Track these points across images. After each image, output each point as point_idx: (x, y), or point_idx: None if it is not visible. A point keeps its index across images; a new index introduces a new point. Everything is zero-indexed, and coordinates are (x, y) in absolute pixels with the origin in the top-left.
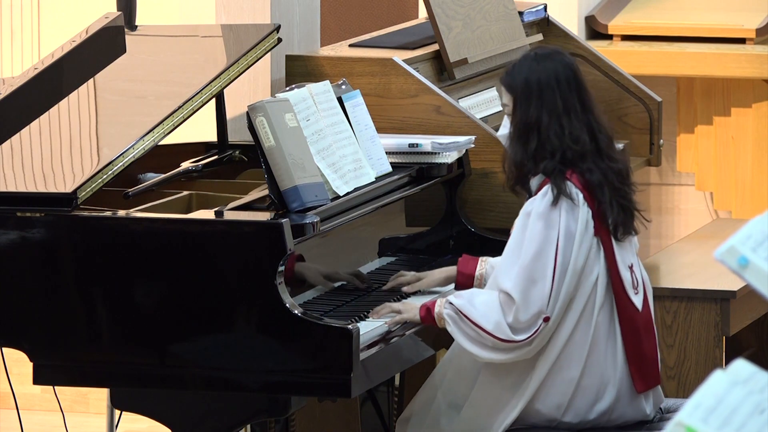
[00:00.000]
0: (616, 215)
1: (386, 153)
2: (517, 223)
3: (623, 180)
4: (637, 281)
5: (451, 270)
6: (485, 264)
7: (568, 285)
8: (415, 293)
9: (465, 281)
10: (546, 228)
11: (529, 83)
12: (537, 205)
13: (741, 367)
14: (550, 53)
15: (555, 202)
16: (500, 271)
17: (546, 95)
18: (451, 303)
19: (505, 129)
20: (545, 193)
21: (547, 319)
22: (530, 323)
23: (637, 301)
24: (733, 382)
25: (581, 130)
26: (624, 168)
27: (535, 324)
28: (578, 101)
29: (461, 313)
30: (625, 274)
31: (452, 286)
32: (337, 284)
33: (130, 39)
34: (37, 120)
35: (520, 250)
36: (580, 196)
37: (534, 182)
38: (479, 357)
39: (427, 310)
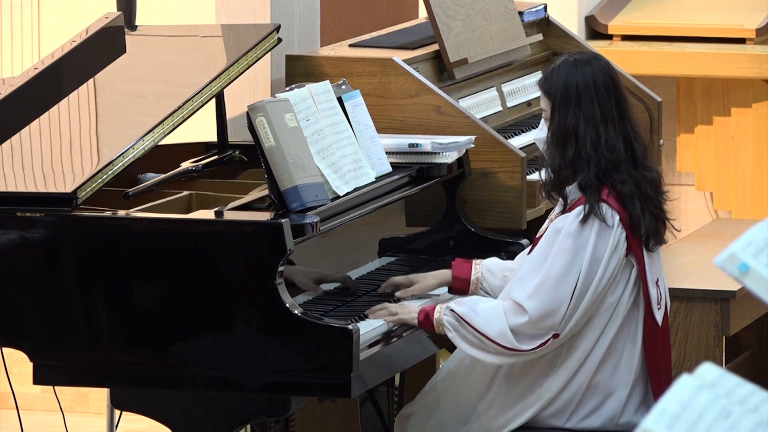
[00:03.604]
0: (648, 225)
1: (386, 153)
2: (545, 237)
3: (657, 189)
4: (661, 296)
5: (444, 274)
6: (480, 267)
7: (586, 306)
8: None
9: (461, 286)
10: (574, 249)
11: (568, 89)
12: (569, 223)
13: (707, 370)
14: (589, 58)
15: (584, 221)
16: (517, 279)
17: (584, 102)
18: (452, 310)
19: (541, 133)
20: (579, 213)
21: (556, 336)
22: (539, 336)
23: (659, 316)
24: (698, 386)
25: (617, 138)
26: (658, 176)
27: (543, 337)
28: (616, 109)
29: (463, 320)
30: (653, 291)
31: (445, 289)
32: (327, 287)
33: (130, 39)
34: (37, 120)
35: (544, 263)
36: (616, 217)
37: (571, 193)
38: (483, 360)
39: (426, 316)
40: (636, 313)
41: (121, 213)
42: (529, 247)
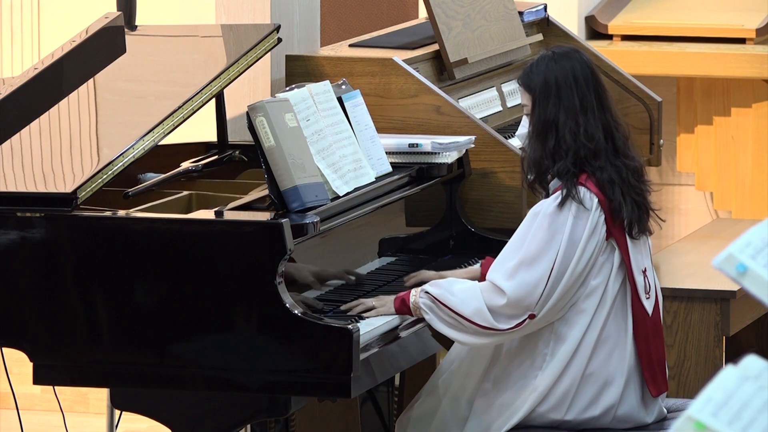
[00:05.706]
0: (630, 212)
1: (386, 153)
2: (524, 221)
3: (638, 177)
4: (650, 286)
5: (474, 272)
6: None
7: (564, 288)
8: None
9: None
10: (551, 231)
11: (548, 82)
12: (546, 206)
13: (752, 362)
14: (567, 52)
15: (562, 204)
16: (496, 262)
17: (564, 94)
18: (427, 292)
19: (523, 128)
20: (557, 197)
21: (532, 317)
22: (516, 315)
23: (648, 305)
24: (743, 377)
25: (596, 128)
26: (640, 166)
27: (519, 317)
28: (595, 99)
29: (438, 301)
30: (639, 278)
31: None
32: (331, 284)
33: (130, 39)
34: (37, 120)
35: (522, 246)
36: (595, 200)
37: (552, 183)
38: (460, 341)
39: (402, 302)
40: (624, 301)
41: (121, 213)
42: None
